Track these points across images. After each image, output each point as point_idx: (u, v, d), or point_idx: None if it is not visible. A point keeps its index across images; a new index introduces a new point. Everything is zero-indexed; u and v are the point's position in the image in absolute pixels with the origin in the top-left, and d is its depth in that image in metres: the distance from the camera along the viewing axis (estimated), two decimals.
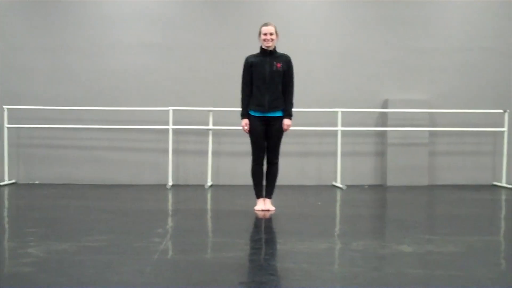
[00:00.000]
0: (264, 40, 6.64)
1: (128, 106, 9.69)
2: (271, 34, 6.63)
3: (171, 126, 9.39)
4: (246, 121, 6.70)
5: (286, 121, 6.72)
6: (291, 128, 6.90)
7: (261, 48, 6.72)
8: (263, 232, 5.78)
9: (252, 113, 6.70)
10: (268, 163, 6.85)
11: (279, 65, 6.64)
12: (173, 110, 9.41)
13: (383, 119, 9.96)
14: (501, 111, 9.73)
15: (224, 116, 9.63)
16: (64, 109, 9.63)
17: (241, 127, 6.81)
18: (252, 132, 6.72)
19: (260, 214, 6.63)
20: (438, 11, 10.06)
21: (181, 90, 9.81)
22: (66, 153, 9.84)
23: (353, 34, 9.96)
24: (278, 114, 6.70)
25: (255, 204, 6.92)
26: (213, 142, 9.62)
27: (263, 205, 6.85)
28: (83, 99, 9.74)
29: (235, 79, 7.17)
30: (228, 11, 9.91)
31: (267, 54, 6.68)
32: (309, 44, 9.86)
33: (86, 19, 9.83)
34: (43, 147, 9.84)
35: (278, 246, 5.00)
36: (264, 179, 6.90)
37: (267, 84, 6.62)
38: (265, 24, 6.70)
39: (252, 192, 6.96)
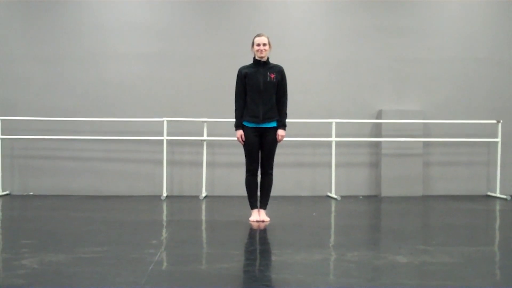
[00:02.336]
0: (258, 50, 6.65)
1: (123, 116, 9.68)
2: (264, 44, 6.64)
3: (165, 137, 9.39)
4: (240, 132, 6.71)
5: (280, 132, 6.73)
6: (285, 138, 6.92)
7: (254, 59, 6.74)
8: (258, 243, 5.77)
9: (246, 124, 6.70)
10: (262, 173, 6.85)
11: (272, 75, 6.66)
12: (168, 121, 9.41)
13: (377, 130, 9.98)
14: (494, 121, 9.76)
15: (219, 127, 9.63)
16: (59, 120, 9.60)
17: (235, 138, 6.81)
18: (246, 143, 6.72)
19: (255, 225, 6.63)
20: (432, 22, 10.11)
21: (175, 101, 9.81)
22: (61, 164, 9.81)
23: (347, 44, 9.99)
24: (272, 124, 6.71)
25: (250, 215, 6.92)
26: (208, 153, 9.62)
27: (258, 216, 6.85)
28: (77, 110, 9.72)
29: (229, 89, 7.18)
30: (222, 21, 9.93)
31: (261, 64, 6.70)
32: (303, 54, 9.89)
33: (81, 29, 9.83)
34: (38, 158, 9.81)
35: (273, 257, 4.99)
36: (259, 189, 6.90)
37: (261, 95, 6.63)
38: (258, 35, 6.72)
39: (247, 203, 6.95)
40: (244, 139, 6.71)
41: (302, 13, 10.02)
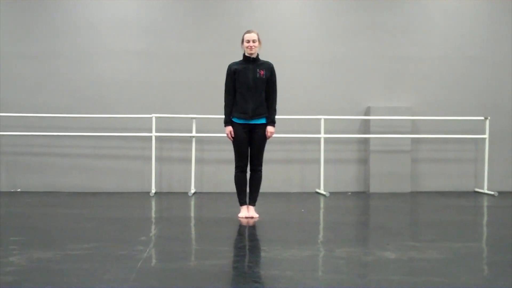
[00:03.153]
0: (247, 47, 6.66)
1: (111, 113, 9.65)
2: (254, 41, 6.65)
3: (154, 134, 9.37)
4: (230, 128, 6.71)
5: (269, 128, 6.74)
6: (274, 135, 6.93)
7: (244, 56, 6.74)
8: (247, 240, 5.78)
9: (236, 120, 6.71)
10: (251, 170, 6.86)
11: (262, 72, 6.66)
12: (156, 117, 9.38)
13: (365, 126, 10.00)
14: (482, 118, 9.81)
15: (207, 123, 9.63)
16: (47, 117, 9.56)
17: (224, 135, 6.82)
18: (235, 139, 6.73)
19: (244, 221, 6.63)
20: (421, 20, 10.14)
21: (164, 97, 9.79)
22: (49, 161, 9.77)
23: (336, 41, 10.00)
24: (262, 121, 6.72)
25: (238, 211, 6.92)
26: (197, 150, 9.60)
27: (247, 212, 6.86)
28: (66, 107, 9.68)
29: (218, 86, 7.18)
30: (212, 18, 9.92)
31: (250, 61, 6.70)
32: (292, 51, 9.89)
33: (70, 26, 9.79)
34: (26, 155, 9.77)
35: (262, 254, 5.00)
36: (248, 186, 6.91)
37: (251, 91, 6.63)
38: (248, 31, 6.73)
39: (235, 199, 6.96)
40: (233, 136, 6.71)
41: (292, 11, 10.03)
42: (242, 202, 6.91)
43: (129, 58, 9.83)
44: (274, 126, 6.79)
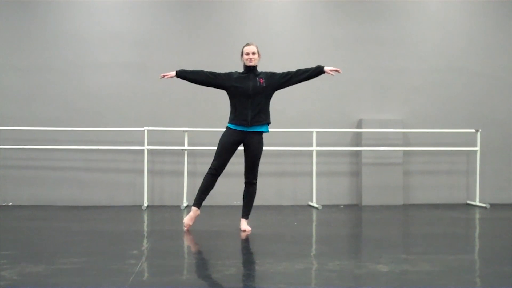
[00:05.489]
0: (247, 59, 6.73)
1: (103, 126, 9.64)
2: (253, 53, 6.74)
3: (146, 147, 9.35)
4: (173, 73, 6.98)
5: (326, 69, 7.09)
6: (267, 148, 6.93)
7: (245, 66, 6.78)
8: (240, 253, 5.76)
9: (232, 126, 6.72)
10: (246, 183, 6.85)
11: (262, 80, 6.73)
12: (148, 130, 9.37)
13: (357, 139, 10.03)
14: (473, 130, 9.85)
15: (200, 136, 9.63)
16: (38, 130, 9.53)
17: (216, 148, 6.80)
18: (222, 142, 6.74)
19: (186, 223, 6.77)
20: (412, 32, 10.20)
21: (156, 110, 9.79)
22: (40, 174, 9.73)
23: (327, 54, 10.03)
24: (260, 129, 6.74)
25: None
26: (189, 163, 9.59)
27: (191, 220, 6.83)
28: (57, 119, 9.66)
29: (210, 99, 7.20)
30: (203, 32, 9.93)
31: (251, 70, 6.75)
32: (284, 64, 9.82)
33: (60, 39, 9.78)
34: (17, 168, 9.72)
35: (255, 267, 4.98)
36: (243, 198, 6.91)
37: (250, 99, 6.66)
38: (248, 44, 6.82)
39: (228, 213, 6.95)
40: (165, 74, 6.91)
41: (283, 24, 10.07)
42: (196, 203, 6.86)
43: (121, 71, 9.83)
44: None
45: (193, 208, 6.86)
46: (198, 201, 6.85)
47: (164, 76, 6.88)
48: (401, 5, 10.24)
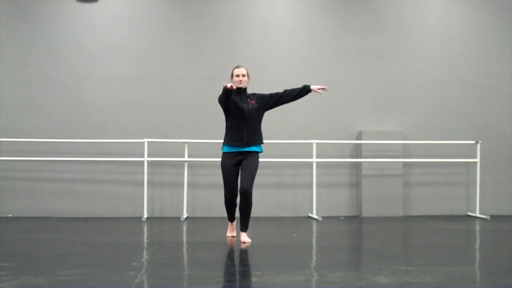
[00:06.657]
0: (237, 81, 6.79)
1: (103, 138, 9.64)
2: (243, 75, 6.82)
3: (146, 158, 9.35)
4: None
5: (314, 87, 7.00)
6: (266, 159, 6.94)
7: (236, 88, 6.79)
8: (239, 265, 5.76)
9: (227, 149, 6.77)
10: (241, 193, 6.82)
11: (253, 102, 6.82)
12: (148, 142, 9.38)
13: (357, 151, 10.03)
14: (473, 142, 9.86)
15: (200, 148, 9.63)
16: (38, 141, 9.54)
17: (216, 159, 6.83)
18: (224, 170, 6.85)
19: (230, 241, 6.78)
20: (412, 45, 10.23)
21: (156, 122, 9.80)
22: (40, 186, 9.73)
23: (328, 66, 10.05)
24: (256, 149, 6.81)
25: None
26: (189, 174, 9.59)
27: (232, 231, 7.17)
28: (57, 131, 9.67)
29: (210, 110, 7.20)
30: (203, 43, 9.96)
31: (242, 92, 6.81)
32: (283, 76, 9.91)
33: (61, 52, 9.81)
34: (17, 180, 9.72)
35: (255, 279, 4.97)
36: (238, 210, 6.93)
37: (246, 121, 6.73)
38: (237, 67, 6.90)
39: (228, 224, 6.95)
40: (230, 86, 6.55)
41: (282, 36, 10.09)
42: (230, 219, 7.14)
43: (121, 83, 9.84)
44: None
45: (229, 223, 7.20)
46: (230, 217, 7.12)
47: (226, 85, 6.73)
48: (401, 18, 10.27)
